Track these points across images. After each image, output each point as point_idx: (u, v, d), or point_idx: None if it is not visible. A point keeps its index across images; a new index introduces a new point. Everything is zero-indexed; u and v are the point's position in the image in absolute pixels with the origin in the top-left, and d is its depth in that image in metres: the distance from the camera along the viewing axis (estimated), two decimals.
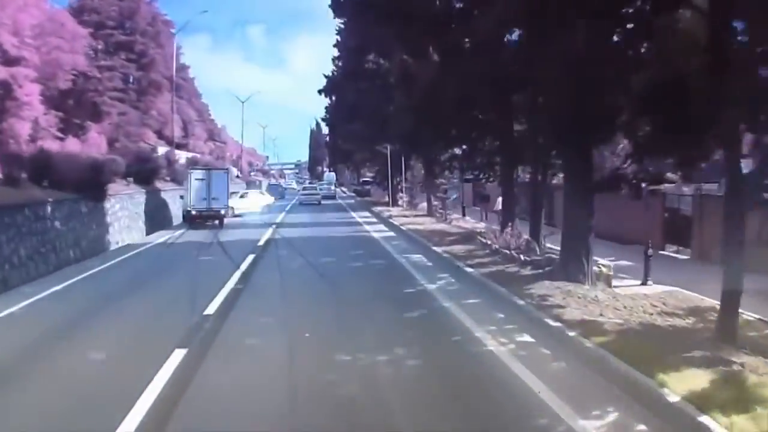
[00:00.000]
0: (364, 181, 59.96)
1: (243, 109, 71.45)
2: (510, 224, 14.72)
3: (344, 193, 66.00)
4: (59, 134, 32.75)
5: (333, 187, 61.43)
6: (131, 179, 23.83)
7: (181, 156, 41.07)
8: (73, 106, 43.16)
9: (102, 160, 21.13)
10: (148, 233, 23.71)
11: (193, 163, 37.31)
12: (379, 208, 32.12)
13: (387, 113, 33.36)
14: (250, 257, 15.27)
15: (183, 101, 62.12)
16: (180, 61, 62.65)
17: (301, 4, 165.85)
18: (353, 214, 31.31)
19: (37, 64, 28.09)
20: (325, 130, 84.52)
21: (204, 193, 27.07)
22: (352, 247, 17.78)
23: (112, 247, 19.07)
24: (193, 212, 26.91)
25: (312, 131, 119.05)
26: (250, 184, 61.09)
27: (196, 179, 27.52)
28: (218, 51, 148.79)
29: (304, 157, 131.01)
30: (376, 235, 21.75)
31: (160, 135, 49.93)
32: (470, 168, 22.67)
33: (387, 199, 36.45)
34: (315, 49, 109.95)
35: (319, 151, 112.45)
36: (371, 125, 33.89)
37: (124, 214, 21.19)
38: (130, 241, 20.64)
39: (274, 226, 24.22)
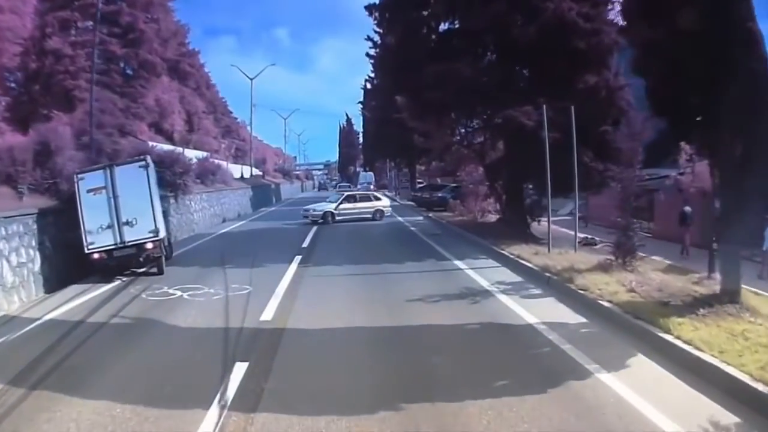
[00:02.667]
0: (423, 185, 43.14)
1: (252, 87, 55.00)
2: None
3: (395, 201, 46.79)
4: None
5: (371, 186, 55.95)
6: None
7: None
8: (40, 91, 35.85)
9: None
10: None
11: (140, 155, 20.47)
12: (519, 252, 13.74)
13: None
14: None
15: (188, 90, 52.45)
16: (189, 47, 54.96)
17: (326, 6, 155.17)
18: (482, 282, 12.16)
19: None
20: (357, 122, 69.51)
21: (106, 214, 12.89)
22: None
23: None
24: (95, 254, 12.81)
25: (341, 128, 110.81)
26: (258, 190, 43.79)
27: (90, 191, 13.00)
28: (244, 53, 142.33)
29: (333, 158, 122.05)
30: None
31: (158, 129, 42.75)
32: None
33: (501, 217, 18.33)
34: (341, 52, 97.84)
35: (351, 150, 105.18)
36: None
37: None
38: None
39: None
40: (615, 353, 7.11)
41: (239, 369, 6.42)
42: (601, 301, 9.28)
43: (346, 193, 29.91)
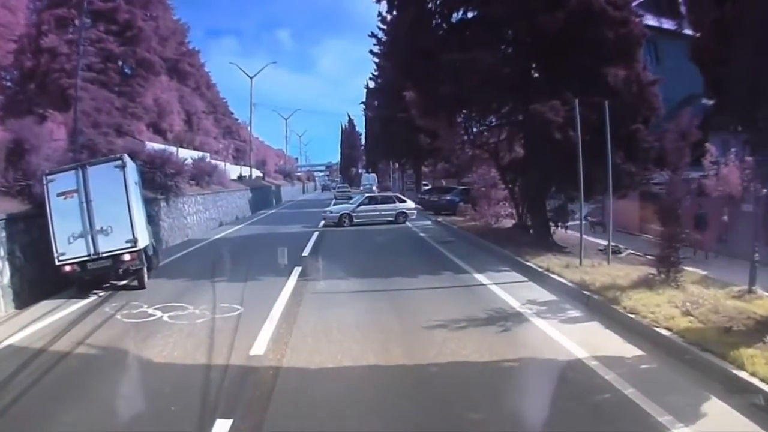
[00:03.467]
0: (429, 187, 41.94)
1: (252, 86, 53.67)
2: None
3: None
4: None
5: (374, 188, 55.64)
6: None
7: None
8: (35, 90, 34.84)
9: None
10: None
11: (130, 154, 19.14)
12: (547, 264, 12.20)
13: None
14: None
15: (188, 90, 51.71)
16: (189, 46, 54.63)
17: (328, 8, 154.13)
18: (510, 301, 9.89)
19: None
20: (358, 121, 67.58)
21: (78, 221, 11.24)
22: None
23: None
24: (67, 267, 11.20)
25: (343, 129, 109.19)
26: (257, 192, 42.29)
27: (61, 194, 11.34)
28: (246, 55, 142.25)
29: (334, 159, 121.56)
30: None
31: (157, 129, 41.57)
32: None
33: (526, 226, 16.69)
34: (343, 53, 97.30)
35: (352, 152, 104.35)
36: None
37: None
38: None
39: None
40: (687, 399, 5.71)
41: (220, 430, 4.91)
42: (657, 329, 7.80)
43: (366, 195, 28.67)
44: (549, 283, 10.94)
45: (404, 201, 26.77)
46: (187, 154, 29.36)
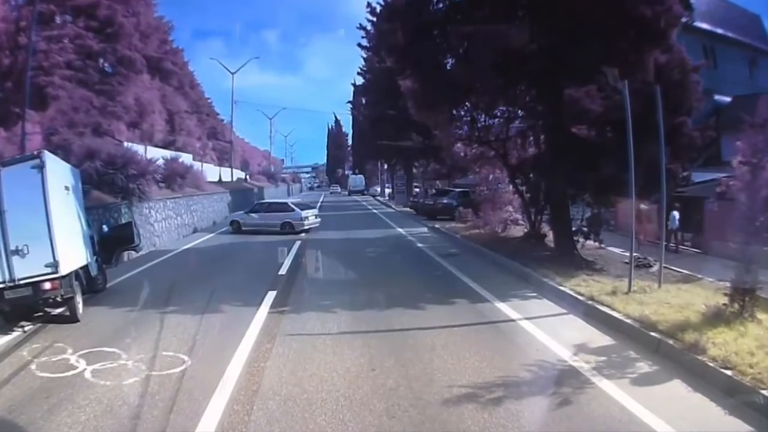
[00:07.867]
0: (421, 190, 39.82)
1: (233, 81, 51.51)
2: None
3: (390, 207, 41.84)
4: None
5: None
6: None
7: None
8: (12, 89, 33.19)
9: None
10: None
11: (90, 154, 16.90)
12: (588, 291, 9.78)
13: None
14: None
15: (170, 89, 49.02)
16: (172, 44, 52.03)
17: (316, 8, 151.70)
18: (555, 348, 7.24)
19: None
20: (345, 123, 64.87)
21: None
22: None
23: None
24: None
25: (330, 130, 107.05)
26: (238, 195, 39.55)
27: None
28: (232, 56, 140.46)
29: (321, 160, 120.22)
30: None
31: (138, 130, 39.13)
32: None
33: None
34: (330, 54, 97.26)
35: (339, 152, 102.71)
36: None
37: None
38: None
39: None
40: None
41: None
42: (766, 391, 5.49)
43: (257, 201, 29.24)
44: (596, 317, 8.46)
45: (293, 210, 24.50)
46: (158, 154, 26.69)
